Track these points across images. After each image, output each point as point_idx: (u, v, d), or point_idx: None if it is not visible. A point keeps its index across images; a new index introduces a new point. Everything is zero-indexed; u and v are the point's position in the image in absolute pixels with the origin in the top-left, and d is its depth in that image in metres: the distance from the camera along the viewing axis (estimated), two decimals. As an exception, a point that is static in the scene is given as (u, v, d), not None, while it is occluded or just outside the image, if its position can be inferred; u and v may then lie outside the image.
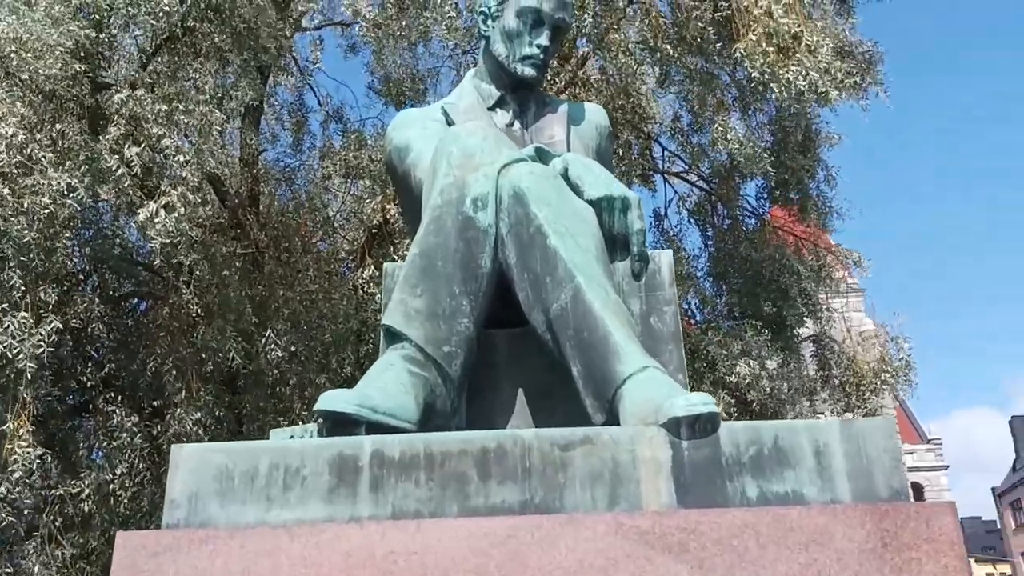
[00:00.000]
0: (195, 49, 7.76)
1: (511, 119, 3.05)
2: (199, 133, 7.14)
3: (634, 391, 2.07)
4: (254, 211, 9.03)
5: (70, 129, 6.93)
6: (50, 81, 6.53)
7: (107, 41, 7.51)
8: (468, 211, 2.38)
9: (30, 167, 6.52)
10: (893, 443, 1.86)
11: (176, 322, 7.98)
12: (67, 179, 6.49)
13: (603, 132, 3.19)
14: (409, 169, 2.88)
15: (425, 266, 2.36)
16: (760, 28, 8.02)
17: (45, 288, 6.88)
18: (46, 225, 6.54)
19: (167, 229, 6.71)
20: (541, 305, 2.31)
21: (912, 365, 10.62)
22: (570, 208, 2.44)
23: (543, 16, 2.96)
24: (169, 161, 6.98)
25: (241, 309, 7.85)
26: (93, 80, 7.46)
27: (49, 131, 6.69)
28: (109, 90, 7.47)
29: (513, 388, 2.53)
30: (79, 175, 6.69)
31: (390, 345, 2.35)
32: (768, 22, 8.03)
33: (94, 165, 6.84)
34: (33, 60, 6.40)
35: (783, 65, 7.89)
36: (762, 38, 8.00)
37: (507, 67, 2.99)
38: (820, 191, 10.99)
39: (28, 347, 6.43)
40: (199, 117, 7.13)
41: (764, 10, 8.08)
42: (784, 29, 7.94)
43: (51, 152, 6.60)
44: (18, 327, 6.44)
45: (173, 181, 7.02)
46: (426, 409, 2.21)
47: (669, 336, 2.77)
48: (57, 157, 6.68)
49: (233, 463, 1.87)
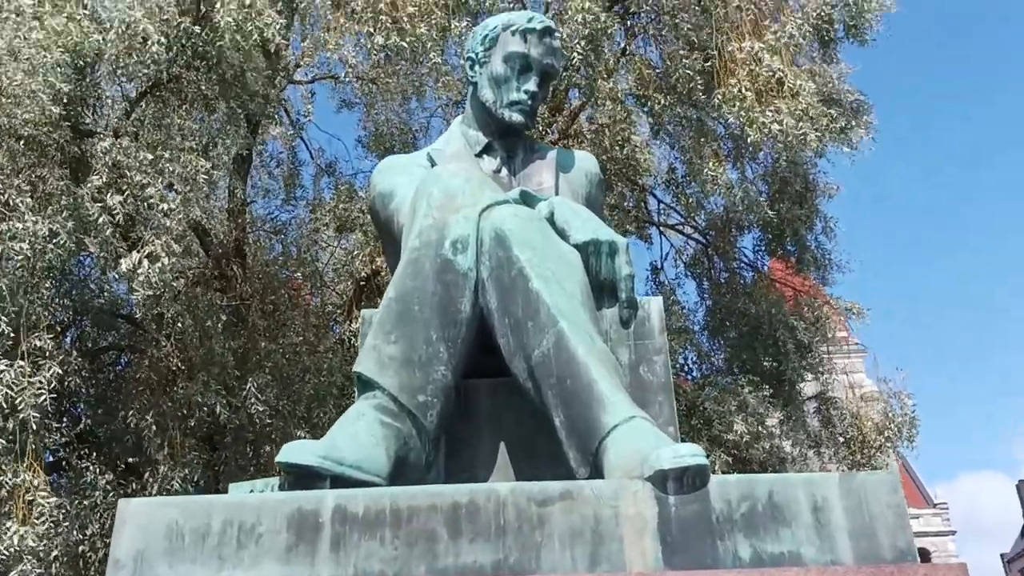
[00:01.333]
0: (180, 96, 7.68)
1: (499, 165, 3.00)
2: (184, 181, 7.07)
3: (619, 442, 1.96)
4: (239, 262, 8.92)
5: (51, 175, 6.85)
6: (28, 126, 6.47)
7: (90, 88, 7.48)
8: (447, 254, 2.29)
9: (6, 212, 6.44)
10: (897, 499, 1.73)
11: (156, 375, 7.82)
12: (48, 225, 6.40)
13: (593, 179, 3.13)
14: (392, 215, 2.81)
15: (401, 311, 2.26)
16: (742, 72, 8.04)
17: (40, 335, 6.74)
18: (27, 271, 6.45)
19: (150, 280, 6.61)
20: (523, 352, 2.21)
21: (916, 422, 10.43)
22: (555, 252, 2.35)
23: (531, 61, 2.93)
24: (153, 211, 6.90)
25: (224, 362, 7.70)
26: (74, 127, 7.39)
27: (28, 176, 6.62)
28: (91, 138, 7.40)
29: (494, 441, 2.43)
30: (60, 220, 6.59)
31: (362, 394, 2.23)
32: (751, 66, 8.05)
33: (76, 213, 6.74)
34: (11, 106, 6.34)
35: (760, 110, 7.88)
36: (743, 83, 8.01)
37: (495, 113, 2.94)
38: (818, 243, 10.94)
39: (28, 396, 6.29)
40: (184, 165, 7.04)
41: (748, 54, 8.10)
42: (766, 73, 7.95)
43: (30, 198, 6.52)
44: (15, 376, 6.32)
45: (157, 231, 6.91)
46: (398, 462, 2.09)
47: (659, 387, 2.67)
48: (37, 203, 6.60)
49: (184, 519, 1.74)
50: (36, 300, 6.63)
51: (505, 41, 2.95)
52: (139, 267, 6.67)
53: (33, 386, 6.37)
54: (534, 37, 2.94)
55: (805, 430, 10.07)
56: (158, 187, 6.82)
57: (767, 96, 7.96)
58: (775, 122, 7.77)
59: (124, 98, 7.89)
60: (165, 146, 7.12)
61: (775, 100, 7.91)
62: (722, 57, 8.26)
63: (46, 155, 6.95)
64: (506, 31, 2.97)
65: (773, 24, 8.47)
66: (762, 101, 7.93)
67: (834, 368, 11.35)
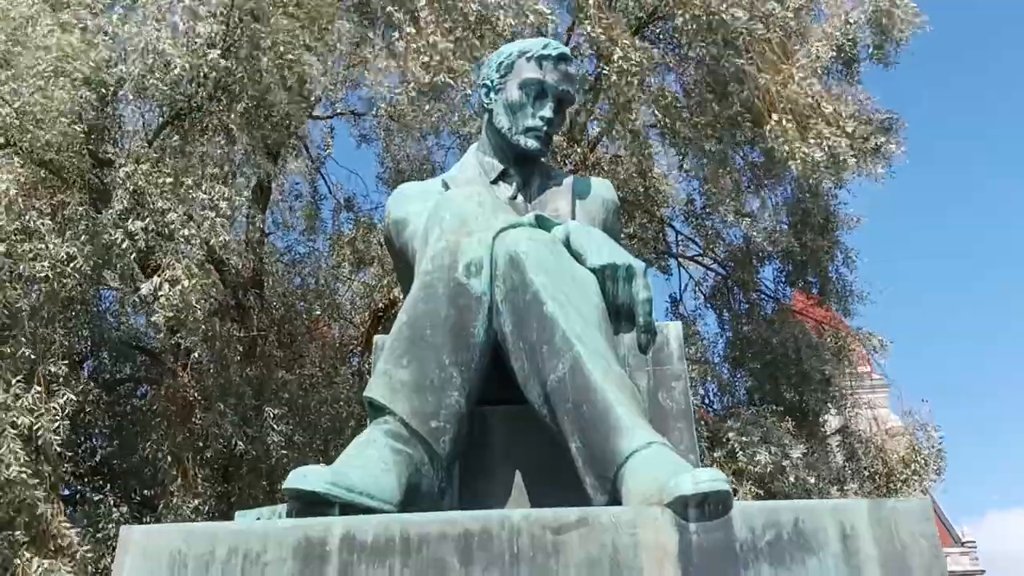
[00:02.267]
0: (202, 126, 7.71)
1: (514, 192, 2.97)
2: (204, 209, 7.08)
3: (638, 469, 1.89)
4: (257, 293, 8.92)
5: (71, 199, 6.85)
6: (50, 149, 6.48)
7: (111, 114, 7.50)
8: (461, 277, 2.25)
9: (28, 233, 6.44)
10: (930, 527, 1.65)
11: (172, 406, 7.79)
12: (67, 248, 6.38)
13: (610, 207, 3.08)
14: (407, 242, 2.76)
15: (413, 335, 2.21)
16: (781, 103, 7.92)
17: (56, 361, 6.70)
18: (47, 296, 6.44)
19: (171, 303, 6.59)
20: (538, 377, 2.15)
21: (943, 454, 10.22)
22: (570, 275, 2.30)
23: (547, 88, 2.91)
24: (175, 236, 6.88)
25: (240, 392, 7.66)
26: (94, 154, 7.41)
27: (49, 200, 6.63)
28: (112, 166, 7.42)
29: (509, 470, 2.36)
30: (79, 245, 6.57)
31: (373, 420, 2.18)
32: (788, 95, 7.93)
33: (96, 239, 6.74)
34: (33, 128, 6.35)
35: (803, 139, 7.77)
36: (784, 115, 7.89)
37: (510, 139, 2.91)
38: (839, 274, 10.83)
39: (45, 421, 6.24)
40: (206, 191, 7.06)
41: (783, 81, 7.99)
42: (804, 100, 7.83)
43: (50, 220, 6.52)
44: (32, 401, 6.26)
45: (177, 256, 6.91)
46: (410, 490, 2.03)
47: (679, 413, 2.60)
48: (56, 226, 6.59)
49: (187, 547, 1.68)
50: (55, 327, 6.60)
51: (520, 67, 2.94)
52: (160, 290, 6.67)
53: (50, 412, 6.31)
54: (549, 63, 2.92)
55: (828, 464, 9.88)
56: (179, 213, 6.83)
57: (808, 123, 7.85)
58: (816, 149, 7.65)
59: (145, 127, 7.92)
60: (186, 173, 7.12)
61: (816, 126, 7.79)
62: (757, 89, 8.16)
63: (66, 180, 6.94)
64: (521, 57, 2.96)
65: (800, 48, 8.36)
66: (804, 129, 7.82)
67: (858, 401, 11.16)
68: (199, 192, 7.02)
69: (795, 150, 7.72)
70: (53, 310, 6.54)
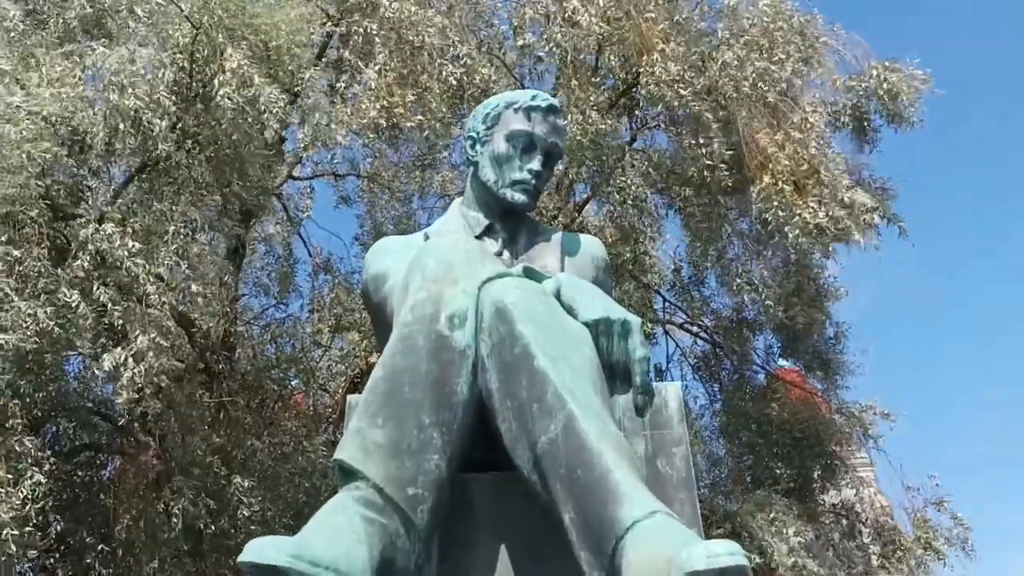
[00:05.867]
0: (171, 178, 7.42)
1: (500, 248, 2.86)
2: (172, 271, 6.82)
3: (640, 541, 1.69)
4: (226, 356, 8.64)
5: (27, 256, 6.51)
6: (6, 203, 6.20)
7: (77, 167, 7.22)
8: (443, 329, 2.08)
9: None
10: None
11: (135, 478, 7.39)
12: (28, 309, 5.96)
13: (600, 264, 2.96)
14: (385, 297, 2.60)
15: (389, 391, 2.02)
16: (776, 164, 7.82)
17: (21, 439, 6.27)
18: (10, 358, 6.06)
19: (135, 382, 6.27)
20: (527, 438, 1.98)
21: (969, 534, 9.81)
22: (561, 328, 2.16)
23: (535, 140, 2.81)
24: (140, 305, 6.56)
25: (207, 463, 7.28)
26: (54, 207, 7.10)
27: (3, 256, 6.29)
28: (73, 220, 7.11)
29: (494, 543, 2.15)
30: (38, 304, 6.18)
31: (343, 485, 1.97)
32: (780, 156, 7.84)
33: (53, 296, 6.38)
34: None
35: (800, 204, 7.66)
36: (779, 178, 7.80)
37: (496, 192, 2.81)
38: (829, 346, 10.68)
39: (6, 509, 5.64)
40: (174, 251, 6.76)
41: (777, 144, 7.92)
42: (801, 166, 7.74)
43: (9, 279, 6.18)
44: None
45: (142, 324, 6.58)
46: (383, 564, 1.82)
47: (680, 483, 2.44)
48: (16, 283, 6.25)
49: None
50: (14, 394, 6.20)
51: (508, 119, 2.85)
52: (123, 365, 6.33)
53: (12, 498, 5.76)
54: (538, 115, 2.84)
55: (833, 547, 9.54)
56: (145, 277, 6.55)
57: (804, 190, 7.75)
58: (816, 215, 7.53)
59: (110, 180, 7.66)
60: (152, 232, 6.85)
61: (813, 190, 7.70)
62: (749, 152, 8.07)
63: (23, 235, 6.59)
64: (508, 108, 2.87)
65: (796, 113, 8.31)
66: (802, 195, 7.71)
67: (859, 480, 10.85)
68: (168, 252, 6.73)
69: (794, 213, 7.59)
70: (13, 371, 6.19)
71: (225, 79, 6.86)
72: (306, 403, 9.88)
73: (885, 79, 9.08)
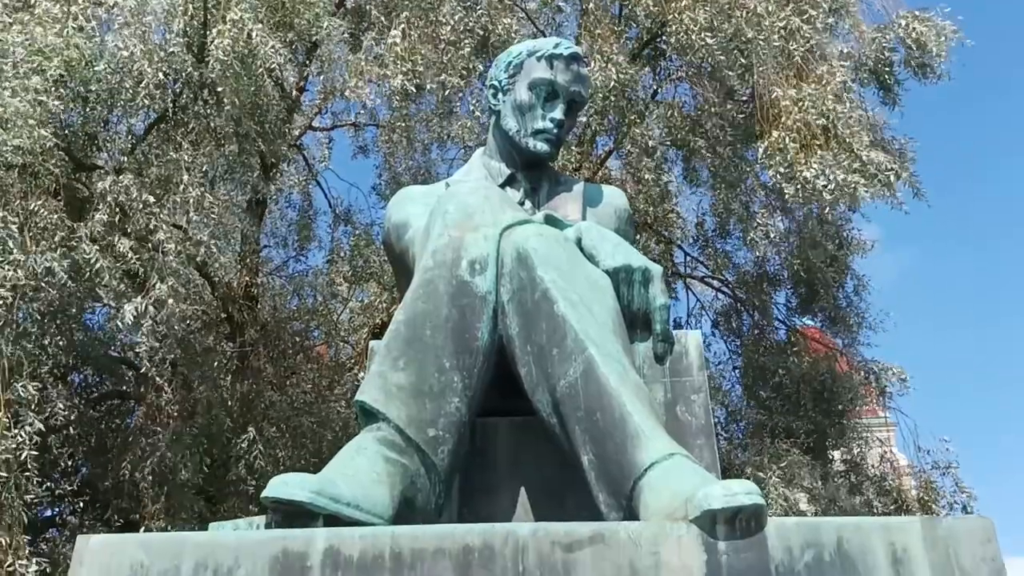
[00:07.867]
0: (187, 130, 7.33)
1: (522, 198, 2.87)
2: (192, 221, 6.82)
3: (658, 482, 1.72)
4: (248, 306, 8.65)
5: (44, 208, 6.43)
6: (19, 153, 6.13)
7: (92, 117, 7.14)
8: (464, 275, 2.10)
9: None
10: (993, 550, 1.46)
11: (157, 425, 7.47)
12: (45, 262, 6.01)
13: (622, 215, 2.95)
14: (407, 246, 2.61)
15: (410, 336, 2.04)
16: (788, 121, 7.67)
17: (26, 384, 6.19)
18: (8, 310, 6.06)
19: (155, 331, 6.31)
20: (546, 382, 2.00)
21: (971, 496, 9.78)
22: (583, 274, 2.17)
23: (557, 88, 2.80)
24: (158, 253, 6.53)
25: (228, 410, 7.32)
26: (72, 156, 7.05)
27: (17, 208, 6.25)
28: (91, 172, 7.08)
29: (514, 486, 2.21)
30: (56, 257, 6.20)
31: (365, 426, 1.99)
32: (796, 115, 7.68)
33: (74, 252, 6.37)
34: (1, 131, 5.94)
35: (801, 163, 7.52)
36: (788, 134, 7.65)
37: (518, 142, 2.80)
38: (850, 301, 10.56)
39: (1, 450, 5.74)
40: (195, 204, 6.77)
41: (792, 101, 7.77)
42: (815, 122, 7.57)
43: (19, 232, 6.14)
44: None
45: (162, 273, 6.55)
46: (404, 503, 1.86)
47: (699, 429, 2.45)
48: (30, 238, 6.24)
49: (150, 560, 1.51)
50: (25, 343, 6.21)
51: (530, 67, 2.83)
52: (145, 314, 6.35)
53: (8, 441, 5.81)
54: (561, 63, 2.81)
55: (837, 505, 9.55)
56: (166, 229, 6.56)
57: (812, 147, 7.58)
58: (819, 176, 7.38)
59: (128, 131, 7.56)
60: (170, 182, 6.79)
61: (820, 150, 7.54)
62: (763, 105, 7.91)
63: (40, 186, 6.53)
64: (531, 57, 2.85)
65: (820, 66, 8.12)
66: (808, 153, 7.55)
67: (872, 438, 10.80)
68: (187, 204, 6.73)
69: (795, 172, 7.46)
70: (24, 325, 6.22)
71: (223, 29, 6.76)
72: (328, 354, 9.91)
73: (913, 28, 8.86)
